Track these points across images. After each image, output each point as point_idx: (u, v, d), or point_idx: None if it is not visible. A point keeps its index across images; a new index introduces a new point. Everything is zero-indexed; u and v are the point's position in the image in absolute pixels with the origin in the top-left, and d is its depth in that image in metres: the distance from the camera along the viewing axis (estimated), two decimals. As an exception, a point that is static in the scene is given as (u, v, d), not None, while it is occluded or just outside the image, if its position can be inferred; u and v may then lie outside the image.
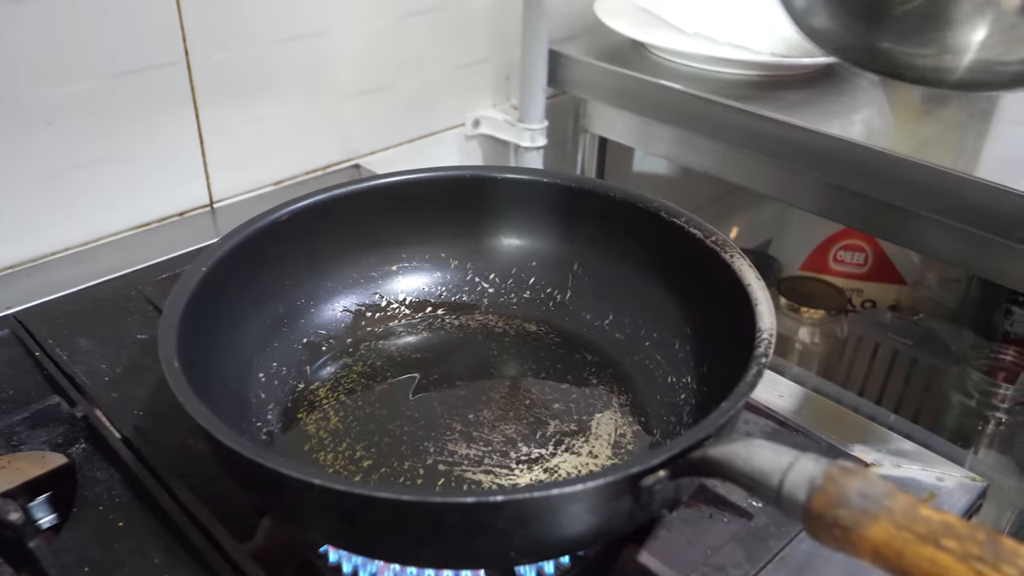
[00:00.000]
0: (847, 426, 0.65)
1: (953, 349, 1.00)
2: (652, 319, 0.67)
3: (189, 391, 0.47)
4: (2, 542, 0.54)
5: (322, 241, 0.68)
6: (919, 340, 1.02)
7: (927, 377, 1.01)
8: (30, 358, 0.68)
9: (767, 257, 1.13)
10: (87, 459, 0.60)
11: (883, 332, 1.04)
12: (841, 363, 1.07)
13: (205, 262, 0.58)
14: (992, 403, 0.91)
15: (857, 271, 1.13)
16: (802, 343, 1.05)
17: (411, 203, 0.71)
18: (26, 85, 0.74)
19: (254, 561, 0.51)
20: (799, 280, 1.09)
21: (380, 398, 0.63)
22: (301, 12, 0.88)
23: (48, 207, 0.79)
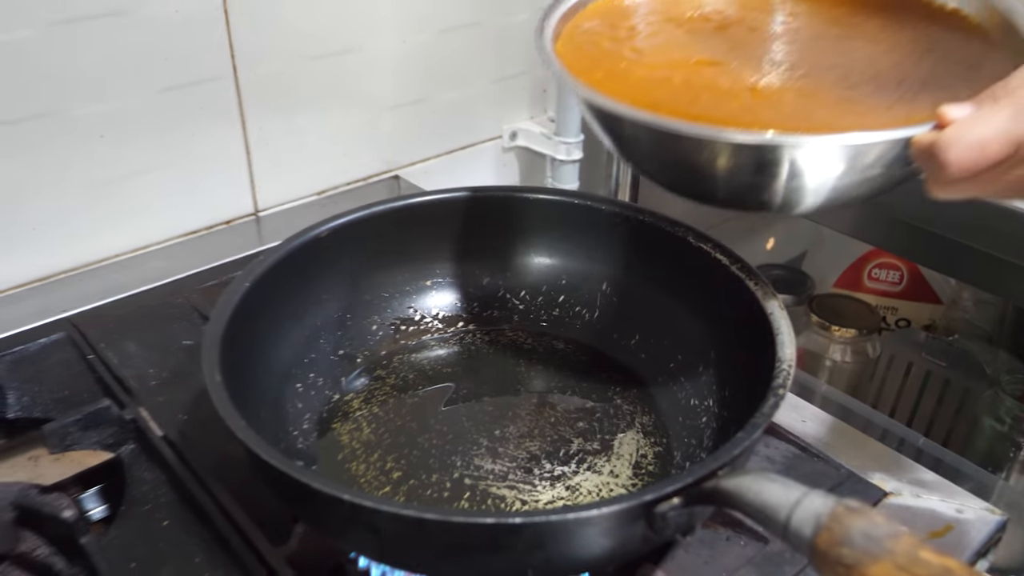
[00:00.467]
0: (868, 453, 0.66)
1: (988, 372, 1.00)
2: (677, 341, 0.69)
3: (229, 404, 0.50)
4: (57, 537, 0.57)
5: (359, 257, 0.70)
6: (953, 361, 1.02)
7: (960, 399, 1.01)
8: (83, 361, 0.72)
9: (800, 273, 1.13)
10: (135, 459, 0.64)
11: (916, 352, 1.04)
12: (872, 382, 1.07)
13: (247, 278, 0.61)
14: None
15: (892, 289, 1.13)
16: (832, 361, 1.06)
17: (446, 221, 0.73)
18: (80, 100, 0.77)
19: (288, 565, 0.54)
20: (831, 298, 1.09)
21: (411, 411, 0.66)
22: (344, 28, 0.90)
23: (101, 215, 0.82)
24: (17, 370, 0.71)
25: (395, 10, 0.93)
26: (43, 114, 0.76)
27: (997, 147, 0.41)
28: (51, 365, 0.72)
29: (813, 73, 0.56)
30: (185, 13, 0.80)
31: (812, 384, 1.06)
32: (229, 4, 0.82)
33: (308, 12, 0.87)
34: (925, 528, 0.60)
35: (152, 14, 0.78)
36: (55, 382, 0.70)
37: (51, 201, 0.79)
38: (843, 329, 1.05)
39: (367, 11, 0.91)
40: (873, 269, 1.13)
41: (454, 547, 0.45)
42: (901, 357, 1.05)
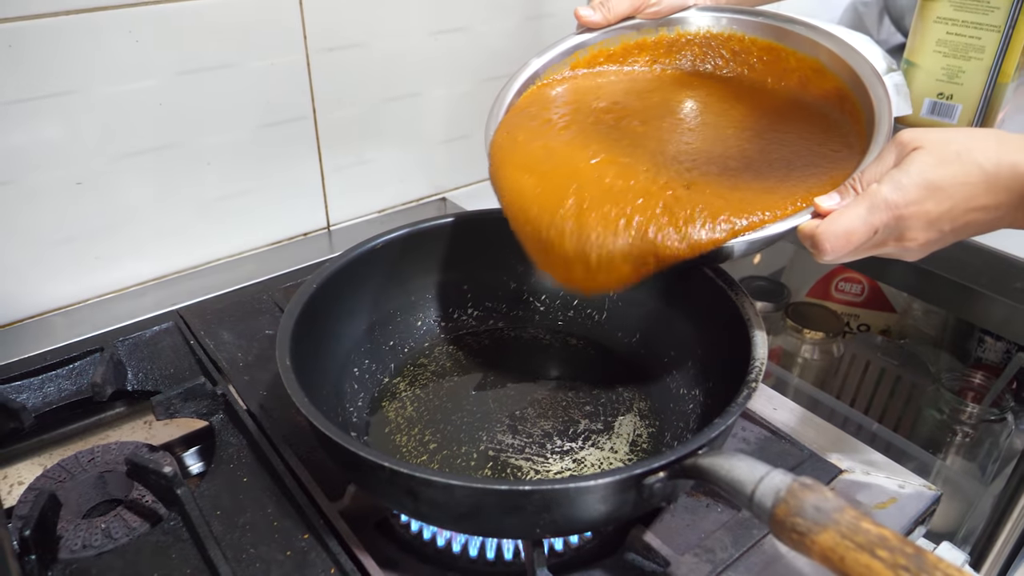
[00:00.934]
0: (828, 437, 0.64)
1: (932, 370, 0.97)
2: (671, 341, 0.67)
3: (297, 385, 0.50)
4: (159, 488, 0.58)
5: (408, 264, 0.70)
6: (903, 361, 0.99)
7: (908, 393, 0.98)
8: (186, 345, 0.72)
9: (779, 284, 1.11)
10: (224, 427, 0.64)
11: (874, 352, 1.02)
12: (836, 377, 1.04)
13: (315, 281, 0.61)
14: (960, 419, 0.88)
15: (855, 299, 1.10)
16: (803, 359, 1.04)
17: (481, 236, 0.72)
18: (194, 134, 0.78)
19: (342, 517, 0.54)
20: (804, 306, 1.07)
21: (447, 393, 0.65)
22: (402, 77, 0.90)
23: (207, 227, 0.83)
24: (135, 352, 0.72)
25: (446, 64, 0.93)
26: (164, 146, 0.77)
27: (860, 235, 0.45)
28: (161, 348, 0.72)
29: (699, 166, 0.55)
30: (278, 66, 0.80)
31: (786, 377, 1.04)
32: (311, 60, 0.82)
33: (376, 66, 0.87)
34: (872, 500, 0.58)
35: (253, 67, 0.78)
36: (164, 362, 0.71)
37: (168, 216, 0.80)
38: (813, 332, 1.03)
39: (423, 66, 0.91)
40: (839, 282, 1.10)
41: (475, 508, 0.45)
42: (861, 356, 1.03)
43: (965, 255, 0.74)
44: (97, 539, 0.56)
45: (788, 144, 0.56)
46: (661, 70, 0.66)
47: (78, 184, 0.73)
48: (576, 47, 0.65)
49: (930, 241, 0.46)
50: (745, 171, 0.54)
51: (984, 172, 0.44)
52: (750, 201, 0.51)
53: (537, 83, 0.65)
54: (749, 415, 0.66)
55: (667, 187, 0.52)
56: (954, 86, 0.88)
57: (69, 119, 0.70)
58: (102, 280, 0.78)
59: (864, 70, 0.56)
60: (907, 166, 0.45)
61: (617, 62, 0.66)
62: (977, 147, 0.44)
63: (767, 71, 0.63)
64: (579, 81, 0.65)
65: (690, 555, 0.52)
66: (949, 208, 0.44)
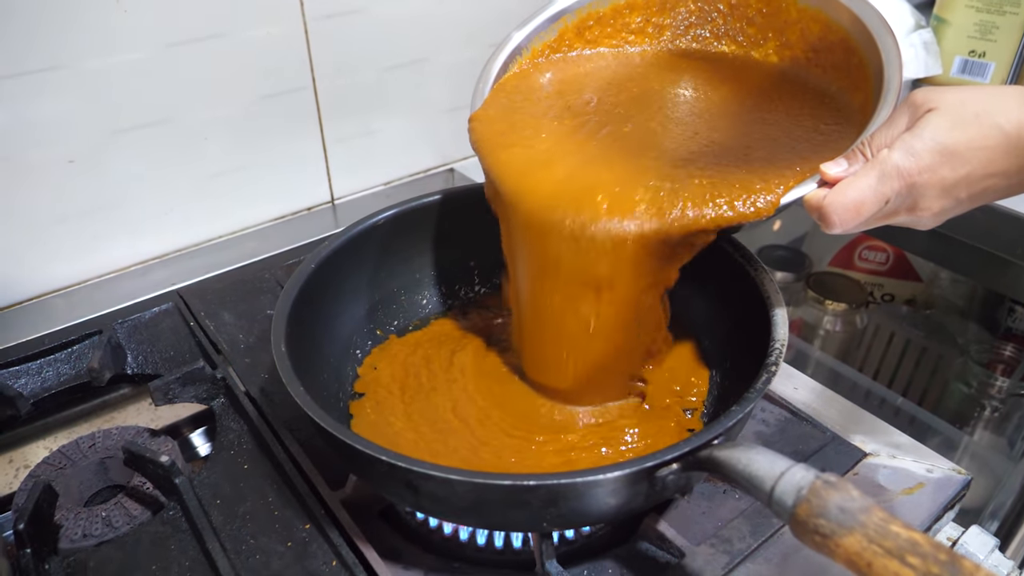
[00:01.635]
0: (851, 418, 0.61)
1: (959, 342, 0.93)
2: (689, 318, 0.64)
3: (292, 373, 0.48)
4: (157, 477, 0.56)
5: (411, 241, 0.67)
6: (929, 332, 0.95)
7: (934, 365, 0.95)
8: (186, 326, 0.70)
9: (800, 254, 1.07)
10: (224, 411, 0.62)
11: (898, 323, 0.98)
12: (860, 349, 1.01)
13: (312, 261, 0.58)
14: (988, 393, 0.85)
15: (879, 268, 1.06)
16: (825, 331, 1.00)
17: (486, 208, 0.69)
18: (188, 109, 0.75)
19: (344, 507, 0.52)
20: (825, 275, 1.03)
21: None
22: (406, 44, 0.87)
23: (205, 204, 0.81)
24: (134, 334, 0.70)
25: (452, 28, 0.89)
26: (158, 121, 0.74)
27: (870, 205, 0.42)
28: (161, 330, 0.71)
29: (695, 156, 0.51)
30: (273, 35, 0.77)
31: (808, 350, 1.01)
32: (309, 27, 0.79)
33: (377, 33, 0.84)
34: (899, 485, 0.55)
35: (247, 36, 0.75)
36: (164, 344, 0.69)
37: (166, 193, 0.78)
38: (835, 303, 0.99)
39: (427, 31, 0.87)
40: (863, 251, 1.06)
41: (478, 502, 0.43)
42: (885, 327, 0.99)
43: (996, 222, 0.70)
44: (98, 528, 0.55)
45: (774, 124, 0.53)
46: (650, 52, 0.62)
47: (71, 162, 0.71)
48: (562, 12, 0.62)
49: (945, 209, 0.43)
50: (726, 156, 0.50)
51: (1005, 135, 0.40)
52: (731, 185, 0.48)
53: (526, 57, 0.61)
54: (769, 395, 0.63)
55: (656, 183, 0.49)
56: (987, 43, 0.82)
57: (57, 95, 0.67)
58: (100, 260, 0.76)
59: (872, 19, 0.51)
60: (920, 130, 0.41)
61: (608, 27, 0.62)
62: (997, 108, 0.41)
63: (768, 25, 0.59)
64: (567, 68, 0.61)
65: (706, 545, 0.50)
66: (966, 174, 0.41)
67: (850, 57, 0.54)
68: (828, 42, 0.55)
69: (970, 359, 0.87)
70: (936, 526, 0.54)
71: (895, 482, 0.55)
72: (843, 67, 0.54)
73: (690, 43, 0.62)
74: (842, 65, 0.54)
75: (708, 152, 0.51)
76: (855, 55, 0.53)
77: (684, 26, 0.61)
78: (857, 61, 0.53)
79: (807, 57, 0.57)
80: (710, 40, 0.61)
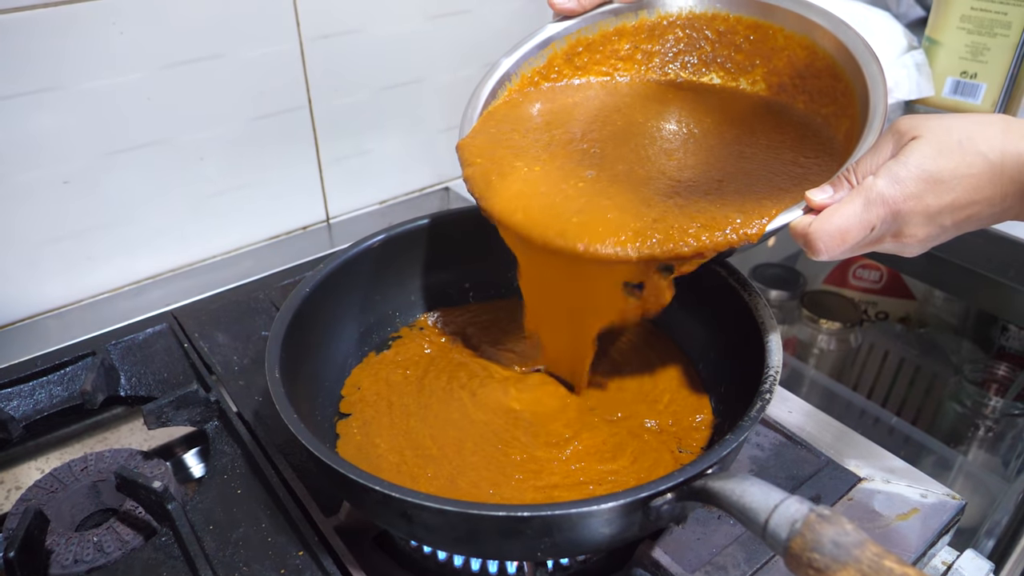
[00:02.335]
0: (845, 442, 0.61)
1: (953, 360, 0.93)
2: (682, 341, 0.64)
3: (284, 399, 0.48)
4: (149, 503, 0.56)
5: (406, 263, 0.67)
6: (923, 350, 0.96)
7: (929, 384, 0.95)
8: (180, 348, 0.70)
9: (794, 272, 1.07)
10: (218, 434, 0.62)
11: (893, 342, 0.98)
12: (854, 367, 1.01)
13: (307, 285, 0.58)
14: (982, 413, 0.85)
15: (873, 287, 1.06)
16: (820, 349, 1.00)
17: (480, 230, 0.69)
18: (185, 129, 0.75)
19: (338, 533, 0.52)
20: (820, 294, 1.03)
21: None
22: (402, 64, 0.87)
23: (201, 224, 0.81)
24: (128, 355, 0.70)
25: (448, 48, 0.89)
26: (154, 142, 0.74)
27: (855, 233, 0.42)
28: (155, 351, 0.70)
29: (677, 190, 0.52)
30: (270, 55, 0.77)
31: (802, 369, 1.01)
32: (305, 47, 0.79)
33: (373, 53, 0.84)
34: (894, 511, 0.55)
35: (243, 57, 0.75)
36: (158, 366, 0.69)
37: (161, 213, 0.78)
38: (829, 322, 0.99)
39: (423, 51, 0.88)
40: (857, 269, 1.06)
41: (472, 533, 0.42)
42: (879, 346, 0.99)
43: (989, 245, 0.70)
44: (89, 554, 0.55)
45: (752, 157, 0.53)
46: (638, 82, 0.63)
47: (65, 183, 0.71)
48: (551, 38, 0.62)
49: (930, 236, 0.43)
50: (707, 189, 0.51)
51: (988, 162, 0.41)
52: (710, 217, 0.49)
53: (515, 84, 0.62)
54: (764, 419, 0.63)
55: (639, 218, 0.50)
56: (978, 64, 0.83)
57: (52, 116, 0.67)
58: (94, 281, 0.76)
59: (856, 46, 0.52)
60: (905, 157, 0.42)
61: (597, 53, 0.63)
62: (981, 135, 0.41)
63: (755, 52, 0.60)
64: (556, 98, 0.62)
65: (700, 573, 0.50)
66: (951, 201, 0.41)
67: (836, 83, 0.54)
68: (815, 68, 0.56)
69: (964, 378, 0.88)
70: (931, 551, 0.54)
71: (890, 507, 0.55)
72: (829, 93, 0.55)
73: (678, 71, 0.62)
74: (828, 91, 0.55)
75: (690, 186, 0.52)
76: (841, 81, 0.53)
77: (673, 53, 0.62)
78: (843, 87, 0.53)
79: (794, 84, 0.58)
80: (698, 67, 0.61)
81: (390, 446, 0.55)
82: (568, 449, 0.54)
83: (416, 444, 0.55)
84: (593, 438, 0.55)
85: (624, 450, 0.54)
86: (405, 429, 0.56)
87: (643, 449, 0.55)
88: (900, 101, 0.86)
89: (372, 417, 0.58)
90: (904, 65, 0.85)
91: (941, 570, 0.56)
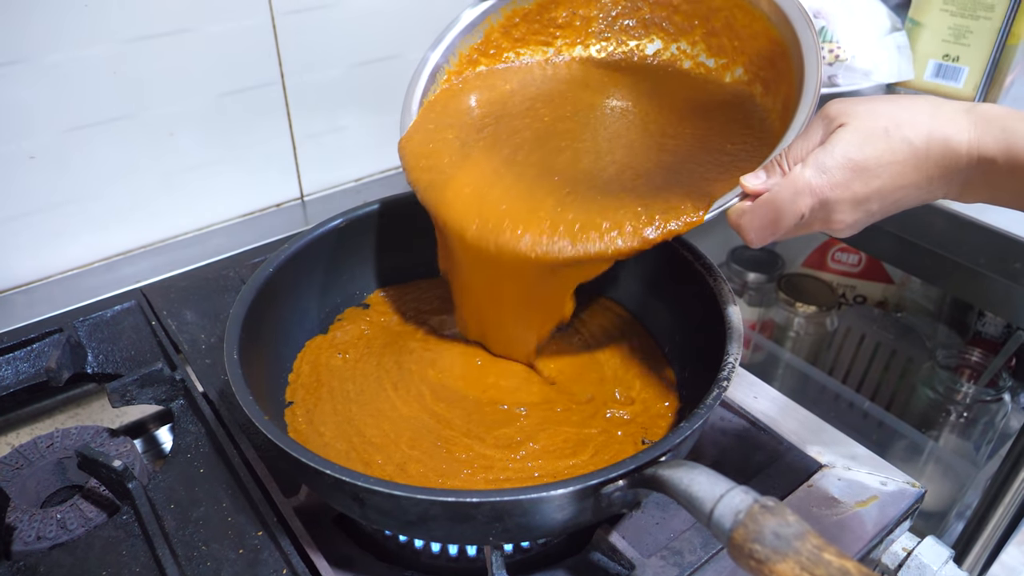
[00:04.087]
0: (809, 428, 0.61)
1: (928, 345, 0.94)
2: (650, 325, 0.64)
3: (241, 380, 0.48)
4: (110, 482, 0.56)
5: (376, 241, 0.66)
6: (899, 334, 0.96)
7: (904, 368, 0.95)
8: (148, 326, 0.70)
9: (773, 254, 1.07)
10: (183, 413, 0.62)
11: (869, 325, 0.98)
12: (830, 351, 1.01)
13: (271, 264, 0.58)
14: (954, 399, 0.85)
15: (851, 270, 1.06)
16: (795, 332, 1.00)
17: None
18: (151, 104, 0.74)
19: (297, 514, 0.52)
20: (797, 277, 1.03)
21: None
22: (377, 40, 0.86)
23: (171, 200, 0.80)
24: (95, 332, 0.69)
25: (423, 25, 0.88)
26: (121, 117, 0.73)
27: (785, 222, 0.43)
28: (123, 329, 0.70)
29: (609, 180, 0.53)
30: (241, 29, 0.76)
31: (778, 352, 1.01)
32: (277, 21, 0.77)
33: (348, 27, 0.82)
34: (853, 498, 0.55)
35: (213, 31, 0.74)
36: (125, 343, 0.68)
37: (130, 189, 0.77)
38: (805, 305, 0.99)
39: (399, 26, 0.86)
40: (836, 252, 1.06)
41: (423, 517, 0.42)
42: (856, 329, 1.00)
43: (963, 233, 0.70)
44: (51, 530, 0.55)
45: (674, 152, 0.54)
46: (576, 64, 0.63)
47: (32, 158, 0.70)
48: (488, 11, 0.61)
49: (859, 221, 0.44)
50: (637, 179, 0.52)
51: (913, 149, 0.41)
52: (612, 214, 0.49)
53: (455, 65, 0.61)
54: (728, 404, 0.63)
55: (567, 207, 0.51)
56: (961, 47, 0.82)
57: (17, 89, 0.66)
58: (63, 257, 0.75)
59: (792, 11, 0.51)
60: (831, 146, 0.42)
61: (535, 23, 0.62)
62: (907, 121, 0.41)
63: (693, 12, 0.59)
64: (494, 84, 0.61)
65: (656, 557, 0.50)
66: (877, 188, 0.42)
67: (774, 47, 0.54)
68: (752, 31, 0.55)
69: (936, 364, 0.88)
70: (890, 538, 0.54)
71: (849, 494, 0.55)
72: (768, 56, 0.54)
73: (620, 37, 0.61)
74: (767, 54, 0.54)
75: (621, 176, 0.52)
76: (779, 45, 0.53)
77: (611, 17, 0.61)
78: (781, 51, 0.53)
79: (733, 46, 0.57)
80: (638, 30, 0.61)
81: (335, 434, 0.54)
82: (522, 451, 0.52)
83: (360, 432, 0.54)
84: (553, 437, 0.53)
85: (586, 446, 0.53)
86: (347, 416, 0.55)
87: (607, 442, 0.54)
88: (881, 84, 0.85)
89: (314, 405, 0.56)
90: (885, 47, 0.84)
91: (901, 556, 0.56)
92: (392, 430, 0.53)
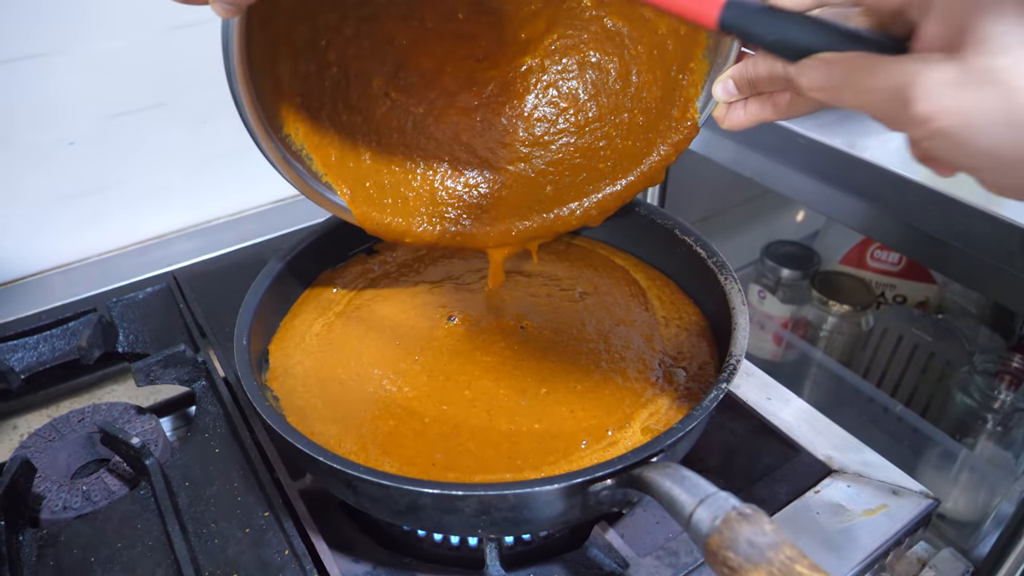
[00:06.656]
0: (822, 432, 0.60)
1: (968, 349, 0.90)
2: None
3: (248, 366, 0.49)
4: (129, 457, 0.58)
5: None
6: (939, 336, 0.92)
7: (941, 371, 0.91)
8: (176, 308, 0.72)
9: (810, 250, 1.04)
10: (204, 395, 0.64)
11: (907, 326, 0.95)
12: (865, 351, 0.98)
13: (289, 252, 0.59)
14: (991, 406, 0.82)
15: (892, 269, 1.02)
16: (828, 332, 0.97)
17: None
18: (187, 91, 0.76)
19: (303, 497, 0.53)
20: (832, 275, 1.00)
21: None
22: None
23: (205, 185, 0.82)
24: (127, 313, 0.72)
25: None
26: (157, 104, 0.75)
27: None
28: (153, 311, 0.72)
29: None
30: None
31: (810, 352, 0.99)
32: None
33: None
34: (861, 506, 0.54)
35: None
36: (154, 325, 0.71)
37: (165, 175, 0.79)
38: (839, 304, 0.96)
39: None
40: (875, 250, 1.02)
41: (412, 506, 0.43)
42: (894, 330, 0.96)
43: (1005, 237, 0.66)
44: (77, 501, 0.57)
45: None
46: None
47: (71, 144, 0.72)
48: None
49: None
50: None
51: None
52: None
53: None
54: (738, 405, 0.62)
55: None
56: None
57: (58, 79, 0.69)
58: (99, 240, 0.78)
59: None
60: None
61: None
62: None
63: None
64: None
65: (651, 557, 0.50)
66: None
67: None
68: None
69: (973, 369, 0.84)
70: (897, 550, 0.53)
71: (857, 502, 0.54)
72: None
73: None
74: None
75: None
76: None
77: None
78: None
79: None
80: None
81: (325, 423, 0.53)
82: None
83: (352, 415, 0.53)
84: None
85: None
86: (343, 401, 0.54)
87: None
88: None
89: (302, 395, 0.55)
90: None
91: (916, 568, 0.55)
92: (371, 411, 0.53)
